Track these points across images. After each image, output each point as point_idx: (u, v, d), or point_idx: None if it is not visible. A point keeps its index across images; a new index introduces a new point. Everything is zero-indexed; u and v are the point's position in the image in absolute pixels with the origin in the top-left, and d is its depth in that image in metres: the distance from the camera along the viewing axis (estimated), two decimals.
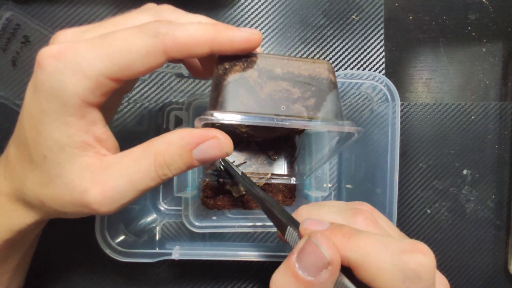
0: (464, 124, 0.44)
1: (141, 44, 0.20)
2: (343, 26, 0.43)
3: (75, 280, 0.40)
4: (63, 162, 0.21)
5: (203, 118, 0.22)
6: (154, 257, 0.34)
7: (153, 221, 0.40)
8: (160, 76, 0.41)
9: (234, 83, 0.23)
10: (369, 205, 0.25)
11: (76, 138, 0.21)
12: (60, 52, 0.20)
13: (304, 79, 0.24)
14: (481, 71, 0.44)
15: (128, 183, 0.21)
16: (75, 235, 0.39)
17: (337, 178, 0.43)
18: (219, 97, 0.23)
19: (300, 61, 0.25)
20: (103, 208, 0.21)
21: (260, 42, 0.22)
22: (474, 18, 0.44)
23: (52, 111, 0.20)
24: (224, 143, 0.22)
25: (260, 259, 0.35)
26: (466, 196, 0.44)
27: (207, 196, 0.40)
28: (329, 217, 0.23)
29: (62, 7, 0.41)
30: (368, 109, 0.41)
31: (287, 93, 0.24)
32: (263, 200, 0.24)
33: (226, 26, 0.22)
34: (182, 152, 0.21)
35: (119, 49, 0.20)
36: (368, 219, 0.22)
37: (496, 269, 0.43)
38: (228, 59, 0.23)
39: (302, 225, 0.20)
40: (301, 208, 0.25)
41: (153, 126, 0.41)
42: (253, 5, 0.43)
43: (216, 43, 0.21)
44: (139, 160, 0.21)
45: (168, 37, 0.20)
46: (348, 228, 0.19)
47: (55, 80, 0.20)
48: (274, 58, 0.24)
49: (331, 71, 0.25)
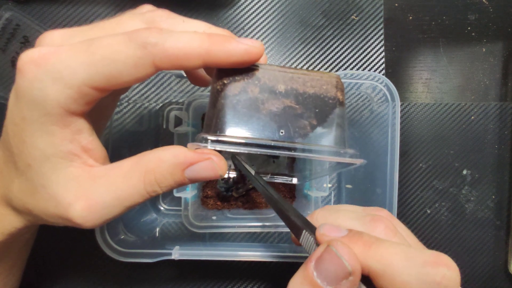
0: (464, 124, 0.44)
1: (128, 55, 0.19)
2: (343, 26, 0.43)
3: (75, 280, 0.40)
4: (48, 173, 0.20)
5: (195, 144, 0.21)
6: (154, 257, 0.34)
7: (153, 221, 0.40)
8: (160, 76, 0.41)
9: (232, 100, 0.21)
10: (387, 211, 0.24)
11: (60, 147, 0.20)
12: (40, 57, 0.19)
13: (309, 97, 0.22)
14: (481, 71, 0.44)
15: (115, 199, 0.20)
16: (75, 235, 0.39)
17: (337, 178, 0.43)
18: (215, 118, 0.21)
19: (306, 76, 0.23)
20: (87, 224, 0.20)
21: (261, 54, 0.21)
22: (474, 18, 0.44)
23: (35, 119, 0.19)
24: (218, 165, 0.21)
25: (260, 259, 0.35)
26: (466, 196, 0.44)
27: (207, 196, 0.40)
28: (346, 222, 0.22)
29: (62, 7, 0.41)
30: (368, 109, 0.41)
31: (290, 112, 0.22)
32: (277, 202, 0.23)
33: (223, 38, 0.20)
34: (174, 171, 0.21)
35: (104, 58, 0.19)
36: (388, 227, 0.21)
37: (496, 269, 0.43)
38: (227, 73, 0.22)
39: (318, 230, 0.19)
40: (317, 212, 0.24)
41: (153, 126, 0.41)
42: (253, 5, 0.43)
43: (211, 56, 0.20)
44: (128, 176, 0.20)
45: (158, 48, 0.19)
46: (368, 236, 0.19)
47: (36, 88, 0.19)
48: (278, 72, 0.22)
49: (340, 88, 0.23)
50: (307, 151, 0.22)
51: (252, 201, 0.40)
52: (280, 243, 0.41)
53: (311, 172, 0.37)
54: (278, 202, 0.23)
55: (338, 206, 0.26)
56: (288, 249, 0.36)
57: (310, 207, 0.36)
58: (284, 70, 0.22)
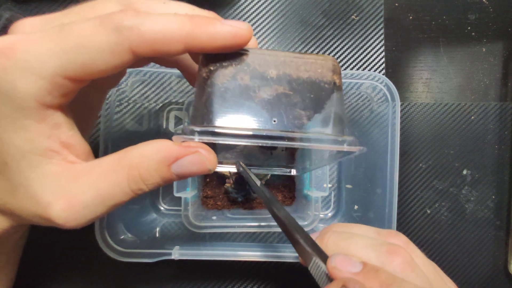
0: (464, 124, 0.44)
1: (102, 40, 0.17)
2: (343, 26, 0.43)
3: (74, 280, 0.40)
4: (26, 171, 0.19)
5: (181, 137, 0.19)
6: (154, 257, 0.34)
7: (153, 221, 0.40)
8: (160, 76, 0.41)
9: (220, 88, 0.20)
10: (403, 237, 0.22)
11: (37, 144, 0.18)
12: (8, 47, 0.17)
13: (303, 82, 0.21)
14: (481, 71, 0.44)
15: (97, 198, 0.19)
16: (75, 235, 0.39)
17: (337, 178, 0.43)
18: (202, 108, 0.20)
19: (299, 59, 0.21)
20: (69, 224, 0.19)
21: (249, 37, 0.19)
22: (474, 18, 0.44)
23: (8, 115, 0.18)
24: (207, 159, 0.19)
25: (260, 259, 0.35)
26: (466, 196, 0.44)
27: (207, 196, 0.40)
28: (360, 252, 0.21)
29: (62, 7, 0.41)
30: (368, 109, 0.41)
31: (283, 99, 0.20)
32: (285, 222, 0.21)
33: (206, 20, 0.18)
34: (159, 167, 0.19)
35: (76, 45, 0.17)
36: (406, 262, 0.19)
37: (496, 269, 0.43)
38: (213, 59, 0.20)
39: (330, 262, 0.18)
40: (327, 236, 0.22)
41: (153, 126, 0.41)
42: (253, 5, 0.43)
43: (193, 40, 0.18)
44: (111, 173, 0.19)
45: (134, 33, 0.17)
46: (385, 274, 0.18)
47: (5, 80, 0.17)
48: (269, 56, 0.21)
49: (336, 71, 0.22)
50: (302, 140, 0.20)
51: (252, 201, 0.40)
52: (279, 243, 0.41)
53: (310, 163, 0.36)
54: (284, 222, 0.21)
55: (350, 227, 0.24)
56: (288, 249, 0.36)
57: (310, 207, 0.36)
58: (275, 54, 0.21)
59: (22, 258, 0.32)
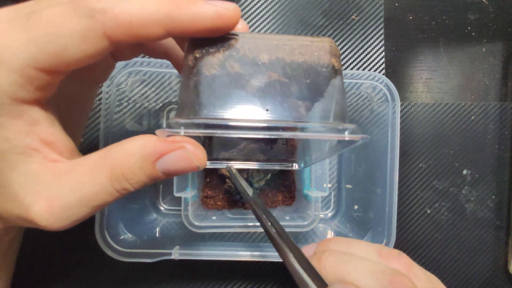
0: (464, 124, 0.44)
1: (73, 26, 0.16)
2: (343, 26, 0.43)
3: (74, 280, 0.40)
4: (6, 171, 0.18)
5: (166, 130, 0.18)
6: (154, 257, 0.34)
7: (153, 221, 0.40)
8: (160, 76, 0.41)
9: (207, 77, 0.18)
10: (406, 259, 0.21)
11: (15, 142, 0.17)
12: None
13: (298, 67, 0.19)
14: (481, 71, 0.44)
15: (80, 199, 0.18)
16: (75, 235, 0.39)
17: (337, 178, 0.43)
18: (188, 99, 0.18)
19: (293, 42, 0.19)
20: (52, 226, 0.18)
21: (237, 18, 0.18)
22: (474, 18, 0.44)
23: None
24: (194, 155, 0.18)
25: (260, 259, 0.35)
26: (466, 196, 0.44)
27: (207, 196, 0.40)
28: (360, 279, 0.20)
29: None
30: (368, 109, 0.41)
31: (277, 85, 0.19)
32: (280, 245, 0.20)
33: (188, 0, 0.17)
34: (143, 164, 0.18)
35: (46, 33, 0.16)
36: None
37: (496, 269, 0.43)
38: (199, 44, 0.18)
39: None
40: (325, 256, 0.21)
41: (153, 126, 0.41)
42: (253, 5, 0.43)
43: (173, 21, 0.17)
44: (93, 172, 0.18)
45: (107, 16, 0.16)
46: None
47: None
48: (260, 40, 0.19)
49: (334, 54, 0.20)
50: (298, 130, 0.18)
51: None
52: None
53: (311, 156, 0.35)
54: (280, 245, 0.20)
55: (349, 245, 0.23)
56: None
57: (310, 207, 0.36)
58: (267, 37, 0.19)
59: (22, 258, 0.32)
